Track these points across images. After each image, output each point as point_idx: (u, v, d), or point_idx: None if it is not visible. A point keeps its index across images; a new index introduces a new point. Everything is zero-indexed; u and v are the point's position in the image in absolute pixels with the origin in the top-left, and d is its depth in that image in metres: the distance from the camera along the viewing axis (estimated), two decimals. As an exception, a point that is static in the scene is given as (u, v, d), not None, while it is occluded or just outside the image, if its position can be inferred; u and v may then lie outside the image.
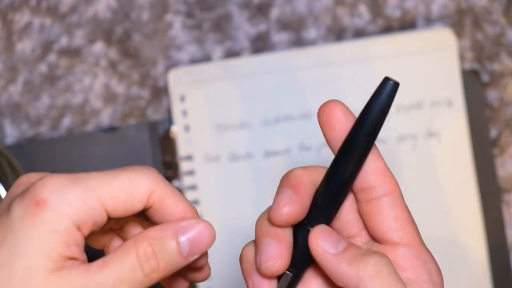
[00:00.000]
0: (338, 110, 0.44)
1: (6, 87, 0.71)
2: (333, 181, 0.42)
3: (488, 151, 0.69)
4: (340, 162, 0.43)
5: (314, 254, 0.41)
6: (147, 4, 0.71)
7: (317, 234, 0.41)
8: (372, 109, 0.42)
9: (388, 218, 0.42)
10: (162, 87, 0.71)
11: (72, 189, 0.39)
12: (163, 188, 0.41)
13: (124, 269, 0.39)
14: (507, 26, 0.71)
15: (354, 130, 0.42)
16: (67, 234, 0.39)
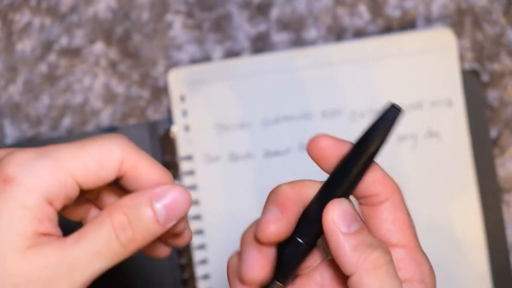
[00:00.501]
0: (326, 142, 0.43)
1: (6, 87, 0.71)
2: (326, 199, 0.42)
3: (488, 151, 0.69)
4: (336, 181, 0.43)
5: (325, 226, 0.41)
6: (147, 4, 0.71)
7: (335, 208, 0.41)
8: (373, 133, 0.42)
9: (386, 221, 0.42)
10: (162, 87, 0.71)
11: (41, 163, 0.38)
12: (135, 155, 0.40)
13: (100, 241, 0.38)
14: (507, 26, 0.71)
15: (353, 152, 0.42)
16: (39, 209, 0.38)
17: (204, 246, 0.69)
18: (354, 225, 0.41)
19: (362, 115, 0.69)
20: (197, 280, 0.69)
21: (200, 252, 0.69)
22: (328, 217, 0.41)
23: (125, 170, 0.40)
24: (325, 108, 0.69)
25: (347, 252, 0.40)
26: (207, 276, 0.69)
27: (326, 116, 0.69)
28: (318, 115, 0.69)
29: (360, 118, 0.69)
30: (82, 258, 0.38)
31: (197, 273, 0.69)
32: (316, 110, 0.69)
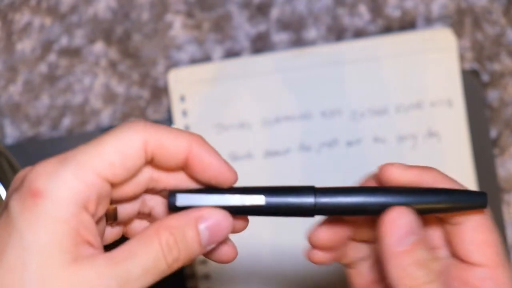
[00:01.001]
0: (396, 170, 0.44)
1: (6, 87, 0.71)
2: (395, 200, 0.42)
3: (488, 151, 0.69)
4: (415, 194, 0.42)
5: (380, 228, 0.41)
6: (147, 4, 0.71)
7: (396, 217, 0.41)
8: (454, 199, 0.42)
9: (466, 240, 0.43)
10: (162, 87, 0.71)
11: (64, 170, 0.37)
12: (156, 133, 0.39)
13: (149, 259, 0.38)
14: (507, 26, 0.71)
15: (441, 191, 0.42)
16: (73, 219, 0.37)
17: (204, 246, 0.69)
18: (407, 240, 0.40)
19: (362, 115, 0.69)
20: (197, 280, 0.69)
21: (200, 252, 0.69)
22: (384, 221, 0.41)
23: (151, 151, 0.40)
24: (325, 108, 0.69)
25: (393, 267, 0.40)
26: (207, 276, 0.69)
27: (326, 116, 0.69)
28: (318, 115, 0.69)
29: (360, 118, 0.69)
30: (134, 273, 0.38)
31: (197, 273, 0.69)
32: (316, 110, 0.69)
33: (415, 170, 0.43)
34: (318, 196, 0.42)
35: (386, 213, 0.41)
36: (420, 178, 0.43)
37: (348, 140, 0.69)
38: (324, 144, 0.69)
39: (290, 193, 0.42)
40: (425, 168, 0.43)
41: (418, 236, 0.40)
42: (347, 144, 0.69)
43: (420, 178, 0.43)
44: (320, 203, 0.42)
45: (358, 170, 0.69)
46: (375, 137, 0.69)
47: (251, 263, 0.69)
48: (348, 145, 0.69)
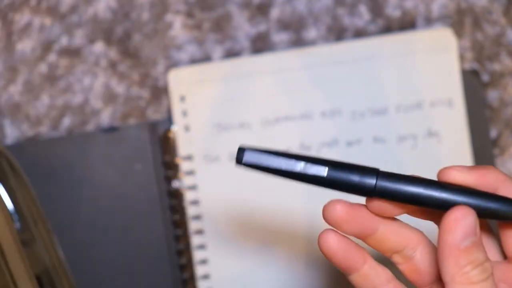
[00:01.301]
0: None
1: (6, 87, 0.71)
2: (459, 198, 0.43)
3: (488, 151, 0.69)
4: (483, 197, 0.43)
5: (443, 225, 0.41)
6: (147, 4, 0.71)
7: (460, 216, 0.41)
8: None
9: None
10: (162, 87, 0.71)
11: None
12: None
13: None
14: (507, 26, 0.71)
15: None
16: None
17: (204, 246, 0.69)
18: (468, 240, 0.41)
19: (362, 115, 0.69)
20: (197, 280, 0.69)
21: (200, 252, 0.69)
22: (449, 218, 0.41)
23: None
24: (325, 108, 0.69)
25: (450, 263, 0.41)
26: (207, 276, 0.69)
27: (326, 116, 0.69)
28: (318, 115, 0.69)
29: (360, 118, 0.69)
30: None
31: (197, 273, 0.69)
32: (316, 110, 0.69)
33: (476, 171, 0.43)
34: (380, 179, 0.42)
35: (451, 211, 0.41)
36: (481, 179, 0.43)
37: (348, 140, 0.69)
38: (324, 144, 0.69)
39: (353, 170, 0.42)
40: (486, 168, 0.44)
41: (477, 237, 0.41)
42: (347, 144, 0.69)
43: (481, 179, 0.43)
44: (381, 186, 0.42)
45: (358, 170, 0.69)
46: (375, 137, 0.69)
47: (251, 263, 0.69)
48: (348, 145, 0.69)
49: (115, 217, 0.69)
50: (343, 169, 0.42)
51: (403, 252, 0.45)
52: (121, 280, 0.69)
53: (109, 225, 0.70)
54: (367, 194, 0.43)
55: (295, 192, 0.69)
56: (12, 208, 0.64)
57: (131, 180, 0.70)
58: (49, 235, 0.61)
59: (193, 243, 0.69)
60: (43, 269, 0.60)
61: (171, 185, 0.70)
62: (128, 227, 0.69)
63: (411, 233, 0.46)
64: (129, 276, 0.69)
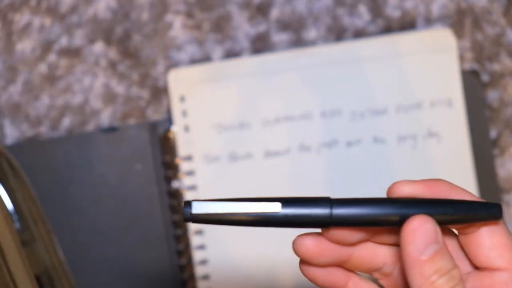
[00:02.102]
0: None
1: (6, 87, 0.71)
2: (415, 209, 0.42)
3: (488, 151, 0.69)
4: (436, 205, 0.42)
5: (402, 237, 0.41)
6: (147, 4, 0.71)
7: (417, 226, 0.41)
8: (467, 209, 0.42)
9: (484, 247, 0.42)
10: (162, 87, 0.71)
11: None
12: None
13: None
14: (507, 26, 0.71)
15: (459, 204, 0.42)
16: None
17: (204, 246, 0.69)
18: (430, 249, 0.41)
19: (362, 115, 0.69)
20: (197, 281, 0.69)
21: (200, 253, 0.69)
22: (407, 229, 0.41)
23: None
24: (325, 108, 0.69)
25: (415, 275, 0.40)
26: (207, 277, 0.69)
27: (326, 116, 0.69)
28: (318, 115, 0.69)
29: (360, 118, 0.69)
30: None
31: (197, 273, 0.69)
32: (316, 110, 0.69)
33: (423, 183, 0.43)
34: (334, 207, 0.42)
35: (408, 222, 0.41)
36: (430, 190, 0.43)
37: (348, 140, 0.69)
38: (324, 144, 0.69)
39: (306, 203, 0.42)
40: (433, 180, 0.43)
41: (440, 244, 0.41)
42: (347, 144, 0.69)
43: (430, 190, 0.43)
44: (336, 214, 0.42)
45: (358, 170, 0.69)
46: (375, 137, 0.69)
47: (251, 263, 0.69)
48: (348, 145, 0.69)
49: (115, 217, 0.69)
50: (295, 204, 0.41)
51: (382, 270, 0.45)
52: (121, 280, 0.69)
53: (109, 225, 0.70)
54: (323, 225, 0.42)
55: (295, 193, 0.69)
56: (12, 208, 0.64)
57: (131, 180, 0.70)
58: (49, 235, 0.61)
59: (193, 243, 0.69)
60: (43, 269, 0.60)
61: (171, 185, 0.70)
62: (128, 227, 0.69)
63: (387, 251, 0.45)
64: (129, 276, 0.69)
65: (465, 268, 0.44)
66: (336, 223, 0.42)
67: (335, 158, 0.69)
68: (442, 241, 0.41)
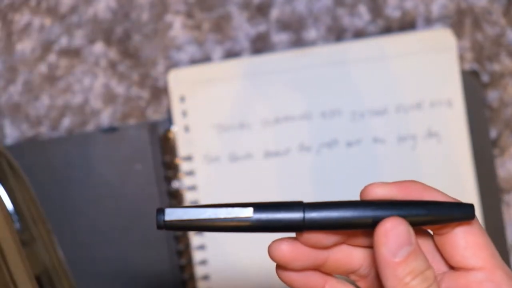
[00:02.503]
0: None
1: (6, 87, 0.71)
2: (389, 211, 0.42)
3: (488, 151, 0.69)
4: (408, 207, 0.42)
5: (376, 239, 0.41)
6: (147, 4, 0.71)
7: (390, 228, 0.41)
8: (445, 210, 0.42)
9: (459, 247, 0.42)
10: (162, 87, 0.71)
11: None
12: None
13: None
14: (507, 26, 0.71)
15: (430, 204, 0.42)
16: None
17: (203, 246, 0.69)
18: (403, 250, 0.41)
19: (362, 115, 0.69)
20: (197, 281, 0.69)
21: (200, 253, 0.69)
22: (379, 231, 0.41)
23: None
24: (325, 108, 0.69)
25: (389, 277, 0.40)
26: (207, 277, 0.69)
27: (326, 116, 0.69)
28: (318, 115, 0.69)
29: (360, 118, 0.69)
30: None
31: (197, 273, 0.69)
32: (316, 110, 0.69)
33: (397, 185, 0.43)
34: (307, 211, 0.42)
35: (381, 224, 0.41)
36: (403, 192, 0.43)
37: (348, 140, 0.69)
38: (324, 144, 0.69)
39: (278, 208, 0.42)
40: (406, 182, 0.43)
41: (413, 246, 0.41)
42: (347, 144, 0.69)
43: (403, 192, 0.43)
44: (309, 218, 0.42)
45: (358, 170, 0.69)
46: (375, 137, 0.69)
47: (250, 263, 0.69)
48: (348, 145, 0.69)
49: (115, 217, 0.69)
50: (268, 209, 0.41)
51: (358, 271, 0.45)
52: (121, 280, 0.69)
53: (109, 225, 0.70)
54: (297, 229, 0.42)
55: (295, 193, 0.69)
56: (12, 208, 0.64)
57: (131, 180, 0.70)
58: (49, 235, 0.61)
59: (193, 243, 0.69)
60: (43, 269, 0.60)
61: (171, 185, 0.70)
62: (128, 227, 0.69)
63: (363, 253, 0.45)
64: (129, 276, 0.69)
65: (440, 268, 0.44)
66: (310, 227, 0.42)
67: (335, 158, 0.69)
68: (415, 243, 0.41)
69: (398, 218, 0.41)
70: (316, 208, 0.42)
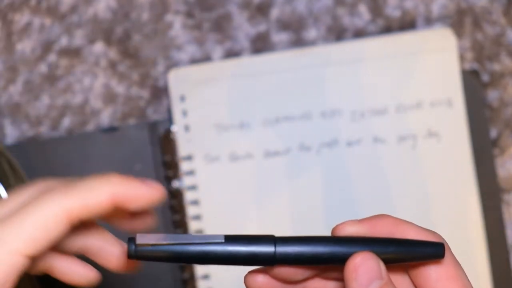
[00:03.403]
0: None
1: (6, 87, 0.71)
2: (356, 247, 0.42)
3: (488, 151, 0.69)
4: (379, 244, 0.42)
5: (346, 273, 0.41)
6: (147, 4, 0.71)
7: (356, 265, 0.41)
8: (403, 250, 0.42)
9: (430, 279, 0.42)
10: (162, 87, 0.71)
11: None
12: (76, 199, 0.40)
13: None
14: (507, 26, 0.71)
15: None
16: None
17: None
18: (373, 285, 0.41)
19: (362, 115, 0.69)
20: (197, 280, 0.69)
21: (200, 252, 0.69)
22: (349, 266, 0.41)
23: (77, 216, 0.40)
24: (325, 108, 0.69)
25: None
26: (207, 276, 0.69)
27: (326, 116, 0.69)
28: (318, 115, 0.69)
29: (360, 118, 0.69)
30: None
31: (197, 273, 0.69)
32: (316, 110, 0.69)
33: (367, 222, 0.43)
34: (278, 245, 0.42)
35: (351, 259, 0.41)
36: (374, 229, 0.43)
37: (348, 140, 0.69)
38: (324, 144, 0.69)
39: (249, 241, 0.42)
40: (376, 218, 0.43)
41: (384, 280, 0.41)
42: (347, 144, 0.69)
43: (374, 229, 0.43)
44: (280, 252, 0.42)
45: (358, 170, 0.69)
46: (375, 137, 0.69)
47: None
48: (348, 145, 0.69)
49: (115, 217, 0.69)
50: (239, 241, 0.42)
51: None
52: (121, 280, 0.69)
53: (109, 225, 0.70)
54: (267, 263, 0.42)
55: (295, 193, 0.69)
56: (12, 208, 0.64)
57: (131, 180, 0.70)
58: (49, 235, 0.61)
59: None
60: (43, 269, 0.60)
61: (171, 185, 0.70)
62: (128, 227, 0.69)
63: (337, 286, 0.45)
64: (129, 276, 0.69)
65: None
66: (281, 261, 0.42)
67: (335, 158, 0.69)
68: (386, 276, 0.41)
69: (368, 253, 0.41)
70: (288, 242, 0.42)
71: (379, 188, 0.69)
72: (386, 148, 0.69)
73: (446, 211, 0.69)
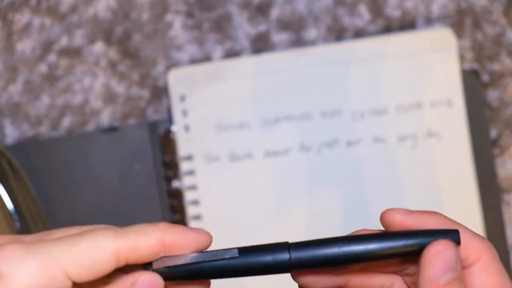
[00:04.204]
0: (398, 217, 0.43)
1: (6, 87, 0.71)
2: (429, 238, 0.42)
3: (488, 151, 0.69)
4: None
5: (425, 259, 0.41)
6: (147, 4, 0.71)
7: (438, 252, 0.41)
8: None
9: (476, 285, 0.42)
10: (162, 87, 0.71)
11: (31, 259, 0.39)
12: (126, 240, 0.40)
13: None
14: (507, 26, 0.71)
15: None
16: None
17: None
18: (448, 275, 0.41)
19: (362, 115, 0.69)
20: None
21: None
22: (430, 252, 0.40)
23: (125, 257, 0.41)
24: (325, 108, 0.69)
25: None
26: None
27: (326, 116, 0.69)
28: (318, 115, 0.69)
29: (360, 118, 0.69)
30: None
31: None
32: (316, 110, 0.69)
33: (417, 215, 0.43)
34: (292, 251, 0.42)
35: (434, 244, 0.41)
36: (422, 223, 0.43)
37: (348, 140, 0.69)
38: (324, 144, 0.69)
39: (263, 249, 0.42)
40: (428, 214, 0.43)
41: (457, 273, 0.41)
42: (347, 144, 0.69)
43: (422, 223, 0.43)
44: (295, 258, 0.42)
45: (358, 170, 0.69)
46: (375, 137, 0.69)
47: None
48: (348, 145, 0.69)
49: (115, 217, 0.69)
50: (253, 252, 0.42)
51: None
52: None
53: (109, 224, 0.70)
54: (284, 270, 0.42)
55: (295, 193, 0.69)
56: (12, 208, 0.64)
57: (131, 180, 0.70)
58: (49, 235, 0.61)
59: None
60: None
61: (171, 185, 0.70)
62: (128, 227, 0.69)
63: (383, 278, 0.45)
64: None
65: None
66: (296, 266, 0.42)
67: (335, 158, 0.69)
68: (459, 271, 0.41)
69: (450, 243, 0.41)
70: (302, 247, 0.42)
71: (379, 188, 0.69)
72: (386, 148, 0.69)
73: (446, 211, 0.69)
